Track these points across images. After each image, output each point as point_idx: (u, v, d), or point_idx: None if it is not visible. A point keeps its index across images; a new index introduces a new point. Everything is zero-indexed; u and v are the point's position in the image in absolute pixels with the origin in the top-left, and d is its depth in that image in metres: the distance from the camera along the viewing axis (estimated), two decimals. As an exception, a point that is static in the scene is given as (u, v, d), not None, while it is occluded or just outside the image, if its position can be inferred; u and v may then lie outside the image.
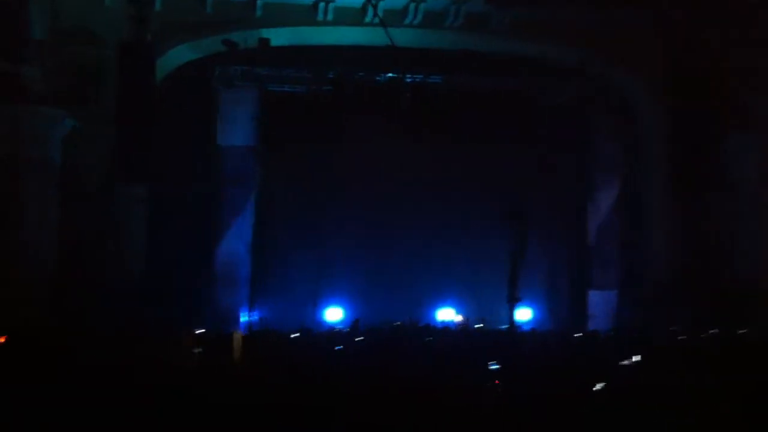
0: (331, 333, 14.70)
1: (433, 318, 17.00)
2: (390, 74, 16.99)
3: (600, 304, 17.50)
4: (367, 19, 16.31)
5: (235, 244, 16.65)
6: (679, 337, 13.37)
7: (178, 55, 16.41)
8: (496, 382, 8.61)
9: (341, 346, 12.14)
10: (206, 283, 16.30)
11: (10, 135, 13.70)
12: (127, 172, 14.11)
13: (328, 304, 17.24)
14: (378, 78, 17.08)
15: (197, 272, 16.05)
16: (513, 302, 13.97)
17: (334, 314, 17.19)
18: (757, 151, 16.02)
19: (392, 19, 16.00)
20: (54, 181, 14.24)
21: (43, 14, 14.41)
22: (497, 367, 9.40)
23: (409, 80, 17.14)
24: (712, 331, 13.67)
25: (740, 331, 13.55)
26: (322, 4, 16.18)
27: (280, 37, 16.49)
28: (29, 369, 7.80)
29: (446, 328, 14.97)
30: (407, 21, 16.53)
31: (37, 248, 13.81)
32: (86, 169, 14.75)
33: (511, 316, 13.90)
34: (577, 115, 18.18)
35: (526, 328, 15.50)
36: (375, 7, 15.85)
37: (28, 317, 12.00)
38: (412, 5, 16.30)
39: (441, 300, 17.49)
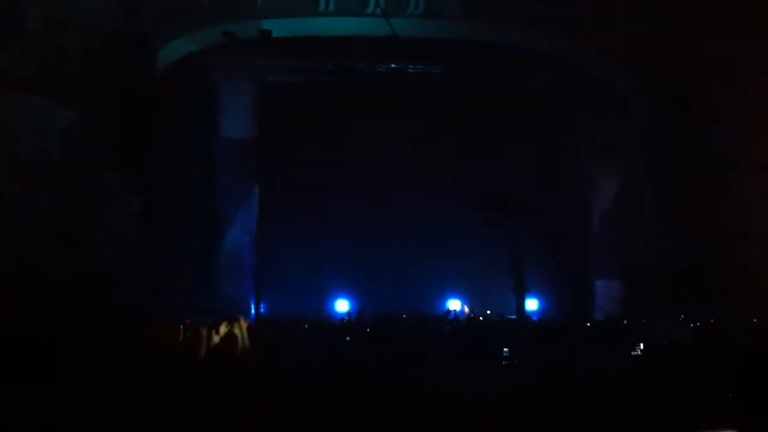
0: (340, 323, 14.56)
1: (440, 309, 16.93)
2: (393, 65, 16.89)
3: (605, 293, 17.40)
4: (369, 10, 16.14)
5: (239, 235, 16.53)
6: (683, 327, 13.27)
7: (178, 47, 16.16)
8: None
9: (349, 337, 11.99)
10: (210, 274, 16.14)
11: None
12: (114, 161, 13.92)
13: (333, 295, 17.23)
14: (380, 69, 16.97)
15: (201, 263, 15.91)
16: (521, 292, 13.96)
17: (339, 306, 17.20)
18: (749, 139, 15.94)
19: (394, 8, 15.87)
20: (40, 169, 13.92)
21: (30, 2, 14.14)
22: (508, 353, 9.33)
23: (411, 70, 17.05)
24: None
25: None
26: (324, -5, 16.07)
27: (280, 27, 16.25)
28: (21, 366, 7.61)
29: (455, 318, 14.86)
30: (409, 10, 16.38)
31: (23, 239, 13.50)
32: (70, 158, 14.40)
33: (520, 306, 13.87)
34: (573, 104, 18.16)
35: (534, 317, 15.44)
36: (377, -4, 15.72)
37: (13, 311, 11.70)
38: (415, -6, 16.20)
39: (445, 292, 17.53)
